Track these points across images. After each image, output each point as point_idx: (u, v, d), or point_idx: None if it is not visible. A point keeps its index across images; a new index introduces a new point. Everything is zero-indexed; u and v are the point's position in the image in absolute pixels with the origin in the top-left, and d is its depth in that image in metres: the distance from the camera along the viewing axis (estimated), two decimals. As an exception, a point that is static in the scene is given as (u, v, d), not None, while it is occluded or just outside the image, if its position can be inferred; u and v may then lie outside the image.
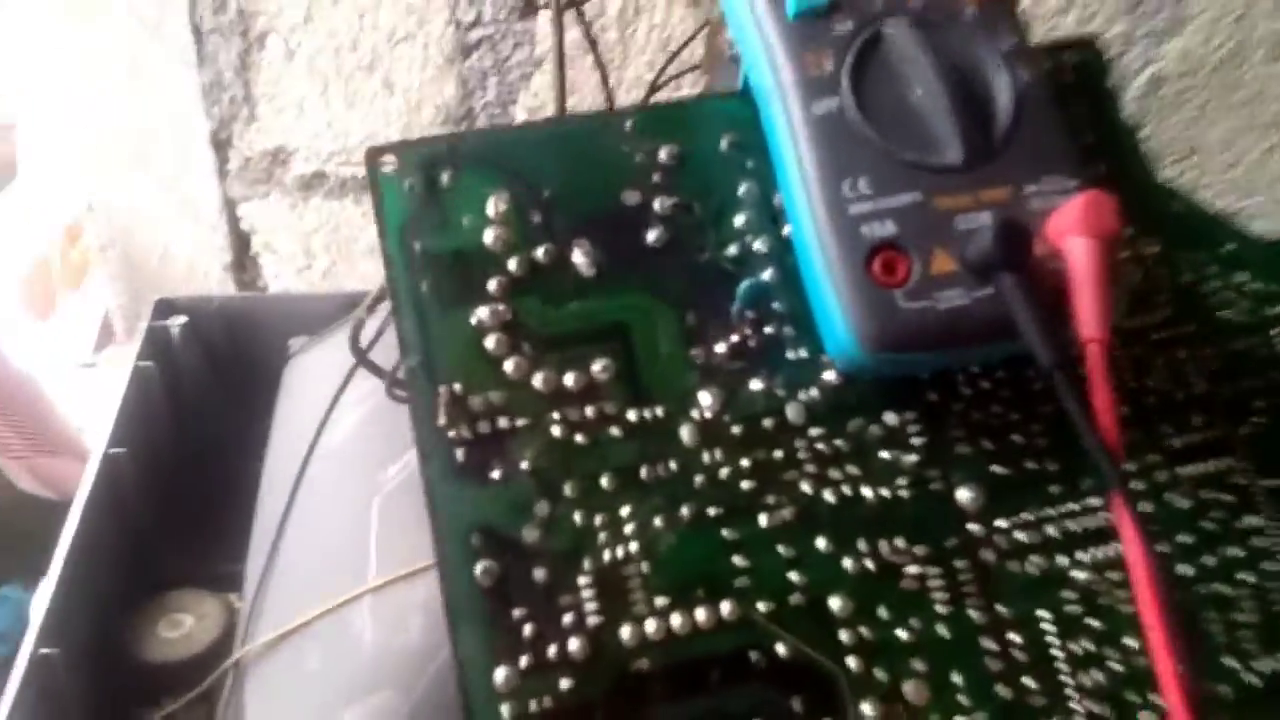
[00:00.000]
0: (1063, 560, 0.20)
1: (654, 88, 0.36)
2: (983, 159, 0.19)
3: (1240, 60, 0.49)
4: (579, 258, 0.21)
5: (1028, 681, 0.19)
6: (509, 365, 0.20)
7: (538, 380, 0.20)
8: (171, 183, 0.61)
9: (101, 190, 0.61)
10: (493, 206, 0.21)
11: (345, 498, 0.34)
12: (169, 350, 0.50)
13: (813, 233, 0.19)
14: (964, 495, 0.20)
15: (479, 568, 0.19)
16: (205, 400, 0.51)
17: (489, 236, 0.21)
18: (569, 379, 0.20)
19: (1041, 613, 0.19)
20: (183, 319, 0.51)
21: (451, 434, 0.19)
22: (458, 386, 0.20)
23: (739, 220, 0.21)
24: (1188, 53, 0.49)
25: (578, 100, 0.60)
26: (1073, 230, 0.18)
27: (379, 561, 0.31)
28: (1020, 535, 0.20)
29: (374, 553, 0.32)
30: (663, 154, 0.21)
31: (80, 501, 0.38)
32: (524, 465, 0.19)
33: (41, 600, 0.36)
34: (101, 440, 0.42)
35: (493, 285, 0.20)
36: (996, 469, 0.20)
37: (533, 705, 0.18)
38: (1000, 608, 0.19)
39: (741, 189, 0.21)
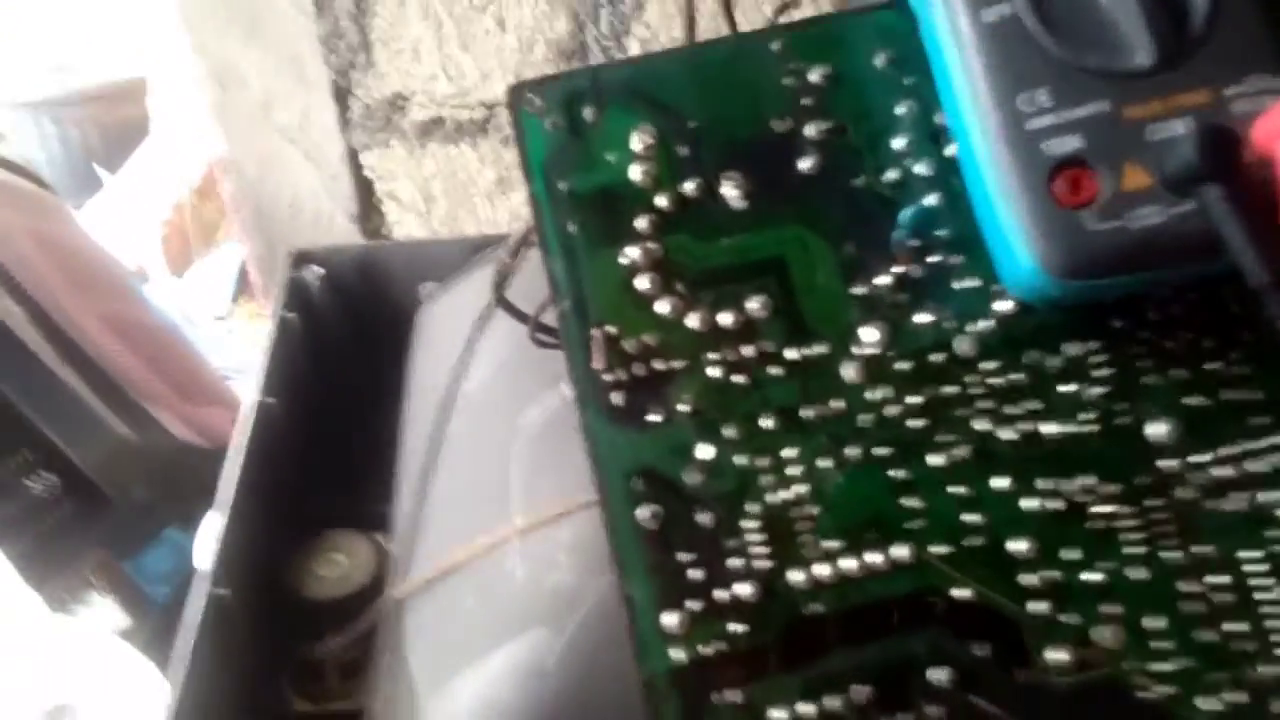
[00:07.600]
0: (1269, 496, 0.18)
1: (783, 7, 0.34)
2: (1177, 60, 0.17)
3: None
4: (729, 190, 0.20)
5: (1232, 626, 0.18)
6: (662, 305, 0.19)
7: (692, 320, 0.19)
8: (296, 134, 0.63)
9: (231, 144, 0.62)
10: (638, 141, 0.20)
11: (487, 442, 0.35)
12: (308, 300, 0.52)
13: (986, 153, 0.18)
14: (1155, 430, 0.18)
15: (642, 511, 0.18)
16: (343, 346, 0.53)
17: (636, 172, 0.20)
18: (724, 318, 0.19)
19: (1246, 553, 0.18)
20: (319, 270, 0.52)
21: (608, 377, 0.19)
22: (611, 328, 0.19)
23: (898, 143, 0.20)
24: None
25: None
26: (1287, 134, 0.16)
27: (525, 503, 0.32)
28: (1219, 471, 0.18)
29: (517, 494, 0.32)
30: (813, 75, 0.20)
31: (239, 447, 0.40)
32: (682, 407, 0.19)
33: (208, 542, 0.37)
34: (253, 389, 0.44)
35: (642, 223, 0.20)
36: (1191, 400, 0.19)
37: (703, 649, 0.18)
38: (1199, 549, 0.18)
39: (900, 109, 0.20)
